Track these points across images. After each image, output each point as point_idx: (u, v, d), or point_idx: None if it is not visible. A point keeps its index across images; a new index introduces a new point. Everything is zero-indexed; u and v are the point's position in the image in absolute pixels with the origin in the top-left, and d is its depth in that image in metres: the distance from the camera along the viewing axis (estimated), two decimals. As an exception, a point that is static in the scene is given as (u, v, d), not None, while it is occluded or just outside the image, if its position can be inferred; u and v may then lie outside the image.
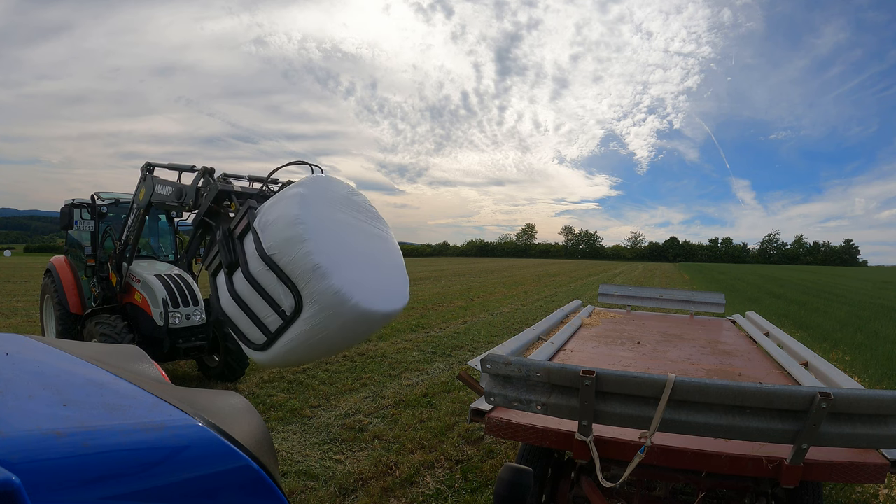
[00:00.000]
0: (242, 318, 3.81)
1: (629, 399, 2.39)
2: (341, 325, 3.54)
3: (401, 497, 4.03)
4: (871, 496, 4.22)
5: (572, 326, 5.55)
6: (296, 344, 3.65)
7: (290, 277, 3.54)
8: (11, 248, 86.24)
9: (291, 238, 3.56)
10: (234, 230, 3.95)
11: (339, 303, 3.46)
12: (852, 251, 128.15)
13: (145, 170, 6.05)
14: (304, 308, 3.53)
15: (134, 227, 6.23)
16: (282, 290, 3.58)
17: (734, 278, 38.08)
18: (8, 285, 20.62)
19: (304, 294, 3.50)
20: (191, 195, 5.00)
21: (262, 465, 0.98)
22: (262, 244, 3.67)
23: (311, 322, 3.54)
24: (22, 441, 0.78)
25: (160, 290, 6.12)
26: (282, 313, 3.62)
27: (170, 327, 6.03)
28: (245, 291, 3.77)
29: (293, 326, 3.60)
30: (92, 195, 7.06)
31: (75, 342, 1.48)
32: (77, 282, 7.25)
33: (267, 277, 3.65)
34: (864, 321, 14.54)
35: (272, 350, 3.73)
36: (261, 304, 3.70)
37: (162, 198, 5.64)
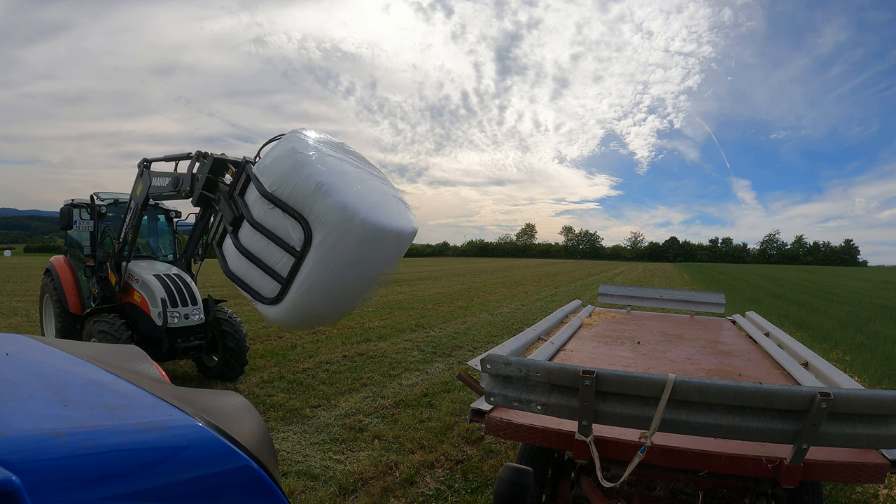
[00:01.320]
0: (253, 271, 3.71)
1: (629, 399, 2.39)
2: (353, 247, 3.43)
3: (401, 497, 4.03)
4: (871, 496, 4.22)
5: (572, 326, 5.55)
6: (310, 282, 3.49)
7: (295, 207, 3.47)
8: (11, 248, 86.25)
9: (291, 167, 3.53)
10: (235, 188, 3.96)
11: (348, 218, 3.38)
12: (852, 251, 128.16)
13: (142, 166, 6.05)
14: (313, 235, 3.43)
15: (132, 224, 6.25)
16: (289, 225, 3.51)
17: (734, 278, 38.08)
18: (8, 285, 20.62)
19: (312, 219, 3.42)
20: (187, 181, 5.01)
21: (262, 465, 0.98)
22: (263, 185, 3.63)
23: (322, 248, 3.42)
24: (22, 441, 0.78)
25: (159, 290, 6.11)
26: (292, 250, 3.51)
27: (168, 327, 6.03)
28: (252, 241, 3.70)
29: (305, 261, 3.47)
30: (91, 195, 7.07)
31: (75, 342, 1.48)
32: (76, 281, 7.24)
33: (272, 217, 3.58)
34: (864, 321, 14.54)
35: (287, 298, 3.57)
36: (269, 248, 3.61)
37: (159, 189, 5.68)
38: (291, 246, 3.53)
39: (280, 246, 3.56)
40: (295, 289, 3.58)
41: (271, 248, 3.59)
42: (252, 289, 3.74)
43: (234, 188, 4.03)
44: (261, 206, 3.64)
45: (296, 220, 3.49)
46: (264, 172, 3.71)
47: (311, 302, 3.67)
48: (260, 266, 3.68)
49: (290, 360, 8.13)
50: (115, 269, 6.49)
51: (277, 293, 3.62)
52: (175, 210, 7.94)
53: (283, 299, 3.62)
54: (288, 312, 3.68)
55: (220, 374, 6.92)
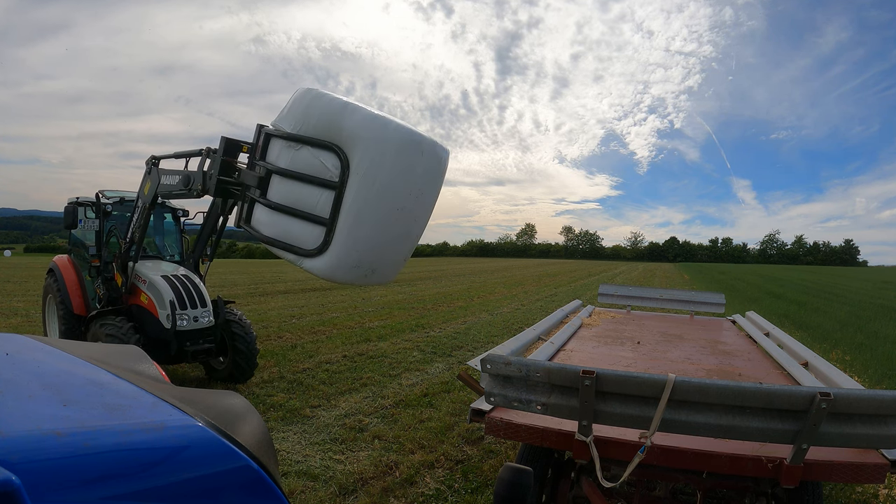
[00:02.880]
0: (291, 225, 3.51)
1: (629, 399, 2.39)
2: (394, 157, 3.27)
3: (401, 497, 4.03)
4: (871, 496, 4.22)
5: (572, 326, 5.55)
6: (357, 209, 3.27)
7: (324, 137, 3.32)
8: (11, 248, 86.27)
9: (312, 100, 3.41)
10: (255, 155, 3.84)
11: (382, 125, 3.25)
12: (852, 251, 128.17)
13: (150, 163, 5.90)
14: (349, 159, 3.25)
15: (139, 223, 6.11)
16: (322, 157, 3.33)
17: (734, 278, 38.07)
18: (8, 285, 20.62)
19: (344, 141, 3.26)
20: (198, 179, 4.90)
21: (262, 465, 0.98)
22: (286, 134, 3.48)
23: (363, 166, 3.24)
24: (22, 441, 0.78)
25: (167, 292, 5.97)
26: (330, 182, 3.31)
27: (177, 329, 5.89)
28: (285, 193, 3.53)
29: (348, 187, 3.26)
30: (97, 193, 6.91)
31: (75, 342, 1.48)
32: (81, 282, 7.10)
33: (302, 159, 3.42)
34: (864, 321, 14.53)
35: (335, 240, 3.34)
36: (305, 192, 3.42)
37: (169, 188, 5.54)
38: (329, 177, 3.31)
39: (316, 184, 3.34)
40: (342, 223, 3.32)
41: (307, 190, 3.38)
42: (293, 245, 3.46)
43: (253, 156, 3.89)
44: (287, 154, 3.47)
45: (327, 149, 3.30)
46: (283, 121, 3.56)
47: (362, 236, 3.38)
48: (298, 215, 3.44)
49: (290, 360, 8.13)
50: (121, 269, 6.35)
51: (323, 237, 3.35)
52: (182, 209, 7.78)
53: (331, 241, 3.34)
54: (339, 255, 3.37)
55: (229, 377, 6.76)
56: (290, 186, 3.48)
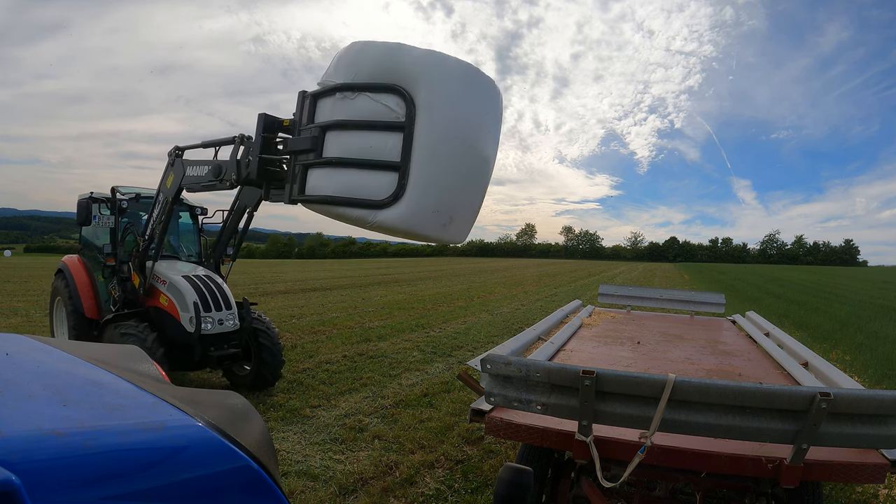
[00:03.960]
0: (357, 177, 3.24)
1: (629, 399, 2.39)
2: (458, 88, 3.13)
3: (401, 497, 4.03)
4: (871, 496, 4.22)
5: (572, 326, 5.55)
6: (431, 146, 3.07)
7: (383, 80, 3.14)
8: (11, 248, 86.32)
9: (360, 49, 3.25)
10: (301, 121, 3.61)
11: (442, 59, 3.12)
12: (852, 251, 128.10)
13: (174, 154, 5.52)
14: (414, 94, 3.07)
15: (160, 219, 5.70)
16: (384, 100, 3.15)
17: (734, 278, 38.07)
18: (8, 285, 20.61)
19: (404, 78, 3.08)
20: (231, 169, 4.57)
21: (262, 465, 0.98)
22: (338, 85, 3.25)
23: (430, 100, 3.07)
24: (22, 441, 0.78)
25: (190, 293, 5.61)
26: (396, 123, 3.12)
27: (201, 333, 5.52)
28: (346, 145, 3.28)
29: (417, 124, 3.08)
30: (112, 188, 6.54)
31: (75, 342, 1.48)
32: (93, 283, 6.72)
33: (361, 106, 3.21)
34: (864, 321, 14.53)
35: (410, 182, 3.09)
36: (369, 140, 3.20)
37: (196, 180, 5.20)
38: (395, 118, 3.09)
39: (381, 128, 3.12)
40: (416, 163, 3.10)
41: (371, 138, 3.16)
42: (363, 199, 3.18)
43: (299, 123, 3.64)
44: (342, 107, 3.24)
45: (389, 91, 3.10)
46: (331, 77, 3.34)
47: (438, 174, 3.16)
48: (366, 165, 3.19)
49: (290, 360, 8.12)
50: (138, 269, 5.94)
51: (396, 183, 3.12)
52: (201, 207, 7.37)
53: (406, 185, 3.10)
54: (416, 199, 3.09)
55: (253, 384, 6.39)
56: (350, 138, 3.25)
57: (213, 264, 6.58)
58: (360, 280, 26.68)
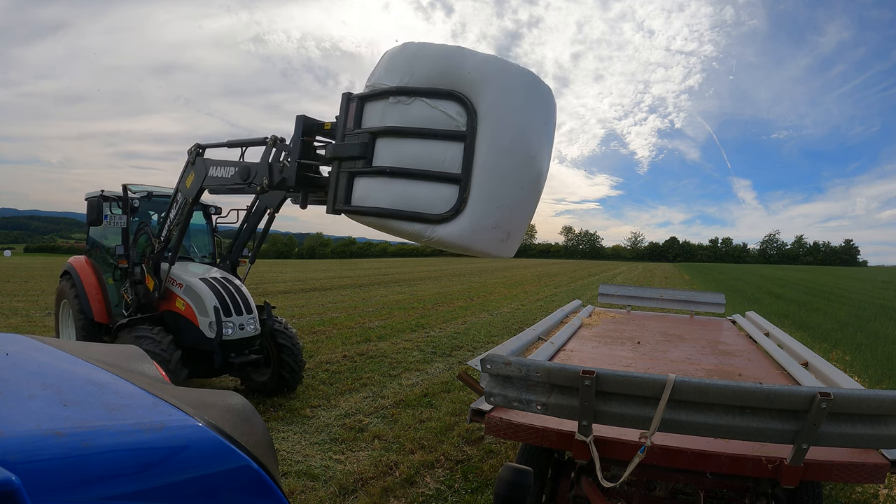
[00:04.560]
0: (414, 189, 3.03)
1: (629, 399, 2.39)
2: (522, 97, 2.95)
3: (401, 497, 4.03)
4: (871, 496, 4.22)
5: (572, 326, 5.55)
6: (495, 157, 2.89)
7: (441, 85, 2.94)
8: (11, 248, 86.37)
9: (414, 53, 3.04)
10: (345, 127, 3.35)
11: (504, 65, 2.96)
12: (852, 251, 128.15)
13: (194, 153, 5.24)
14: (475, 102, 2.88)
15: (179, 220, 5.43)
16: (443, 107, 2.95)
17: (734, 278, 38.07)
18: (8, 285, 20.61)
19: (464, 84, 2.90)
20: (263, 173, 4.30)
21: (262, 465, 0.98)
22: (392, 88, 3.03)
23: (494, 111, 2.88)
24: (22, 441, 0.78)
25: (209, 297, 5.36)
26: (457, 133, 2.92)
27: (223, 339, 5.28)
28: (400, 153, 3.05)
29: (479, 134, 2.88)
30: (123, 186, 6.23)
31: (75, 342, 1.48)
32: (102, 286, 6.42)
33: (417, 112, 2.99)
34: (864, 321, 14.53)
35: (473, 196, 2.90)
36: (427, 148, 2.98)
37: (220, 181, 4.93)
38: (455, 126, 2.90)
39: (441, 137, 2.93)
40: (478, 177, 2.90)
41: (429, 147, 2.98)
42: (421, 213, 2.98)
43: (343, 128, 3.37)
44: (395, 112, 3.04)
45: (449, 98, 2.91)
46: (382, 80, 3.10)
47: (500, 190, 2.98)
48: (424, 176, 2.98)
49: (290, 360, 8.13)
50: (152, 271, 5.66)
51: (457, 197, 2.93)
52: (214, 206, 7.06)
53: (468, 199, 2.92)
54: (478, 215, 2.92)
55: (273, 390, 6.16)
56: (406, 146, 3.04)
57: (229, 266, 6.31)
58: (360, 280, 26.67)
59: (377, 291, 20.34)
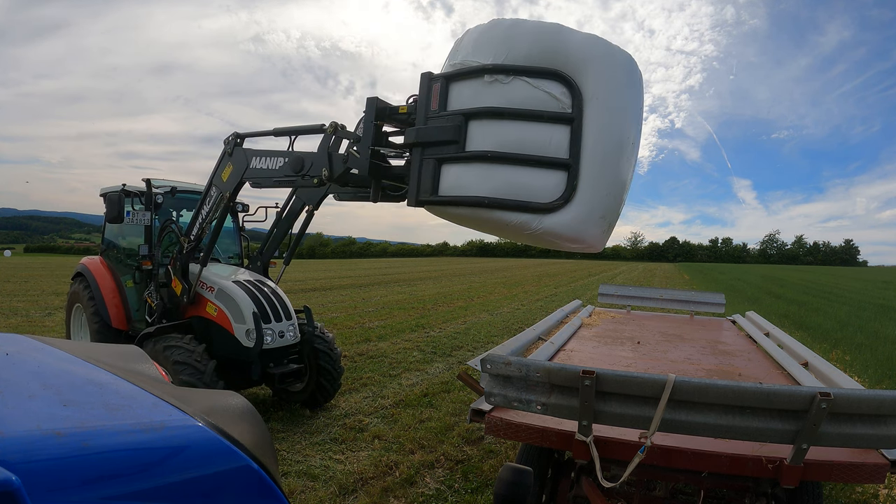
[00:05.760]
0: (518, 176, 2.78)
1: (629, 399, 2.39)
2: (625, 81, 2.79)
3: (401, 497, 4.03)
4: (871, 496, 4.22)
5: (572, 326, 5.55)
6: (604, 143, 2.70)
7: (540, 64, 2.73)
8: (11, 248, 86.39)
9: (510, 28, 2.82)
10: (428, 110, 3.06)
11: (606, 46, 2.76)
12: (852, 251, 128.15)
13: (232, 142, 4.76)
14: (581, 82, 2.69)
15: (213, 217, 4.95)
16: (546, 87, 2.74)
17: (734, 278, 38.06)
18: (8, 285, 20.61)
19: (568, 63, 2.70)
20: (321, 163, 3.88)
21: (262, 465, 0.98)
22: (488, 66, 2.78)
23: (600, 92, 2.70)
24: (22, 441, 0.78)
25: (246, 302, 4.93)
26: (564, 115, 2.72)
27: (263, 348, 4.90)
28: (494, 137, 2.82)
29: (586, 118, 2.70)
30: (146, 180, 5.79)
31: (75, 342, 1.48)
32: (120, 289, 5.99)
33: (516, 92, 2.76)
34: (864, 321, 14.53)
35: (583, 188, 2.71)
36: (529, 131, 2.75)
37: (264, 173, 4.48)
38: (560, 108, 2.70)
39: (548, 120, 2.72)
40: (587, 162, 2.71)
41: (531, 130, 2.75)
42: (526, 202, 2.75)
43: (424, 110, 3.07)
44: (490, 93, 2.81)
45: (552, 77, 2.71)
46: (471, 56, 2.88)
47: (609, 176, 2.78)
48: (528, 161, 2.75)
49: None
50: (180, 273, 5.22)
51: (566, 183, 2.72)
52: (242, 203, 6.63)
53: (578, 186, 2.71)
54: (589, 203, 2.73)
55: (309, 401, 5.77)
56: (506, 129, 2.82)
57: (260, 267, 5.86)
58: (360, 280, 26.68)
59: (377, 291, 20.34)
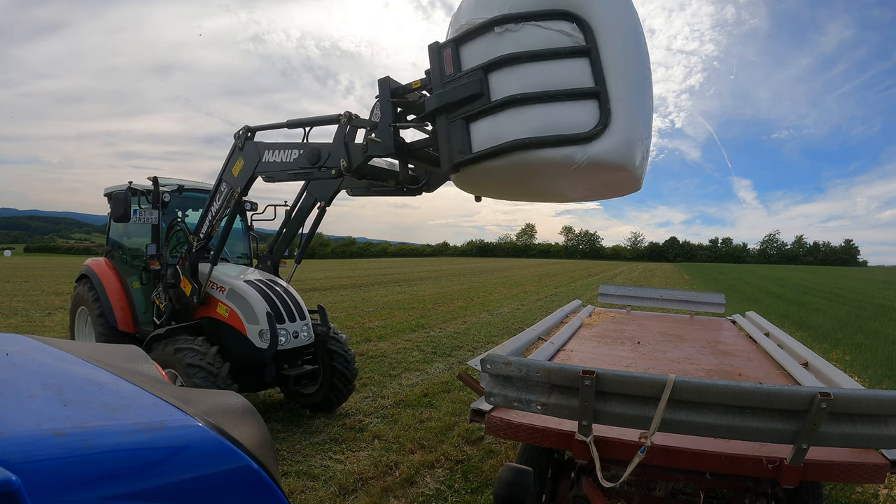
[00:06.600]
0: (551, 113, 2.81)
1: (629, 399, 2.39)
2: (628, 10, 2.86)
3: (401, 497, 4.03)
4: (871, 496, 4.22)
5: (572, 326, 5.55)
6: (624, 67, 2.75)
7: (546, 7, 2.78)
8: (11, 248, 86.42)
9: None
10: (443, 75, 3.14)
11: None
12: (852, 251, 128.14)
13: (243, 136, 4.64)
14: (588, 14, 2.75)
15: (223, 214, 4.82)
16: (556, 26, 2.78)
17: (734, 278, 38.07)
18: (8, 285, 20.62)
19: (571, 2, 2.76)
20: (339, 153, 3.82)
21: (262, 465, 0.98)
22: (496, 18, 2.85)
23: (609, 22, 2.76)
24: (22, 441, 0.78)
25: (260, 303, 4.83)
26: (580, 48, 2.77)
27: (277, 350, 4.80)
28: (518, 82, 2.84)
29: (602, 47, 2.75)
30: (153, 178, 5.63)
31: (75, 342, 1.48)
32: (126, 291, 5.88)
33: (529, 37, 2.80)
34: (864, 321, 14.53)
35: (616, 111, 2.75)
36: (551, 70, 2.79)
37: (278, 166, 4.38)
38: (577, 45, 2.76)
39: (565, 56, 2.78)
40: (614, 86, 2.76)
41: (552, 68, 2.80)
42: (562, 136, 2.79)
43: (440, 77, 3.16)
44: (506, 42, 2.87)
45: (560, 17, 2.79)
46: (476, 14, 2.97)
47: (634, 98, 2.83)
48: (559, 96, 2.79)
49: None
50: (189, 273, 5.09)
51: (599, 111, 2.77)
52: (250, 201, 6.47)
53: (611, 110, 2.76)
54: (625, 125, 2.77)
55: (322, 403, 5.63)
56: (528, 72, 2.86)
57: (270, 266, 5.74)
58: (360, 280, 26.68)
59: (377, 291, 20.34)
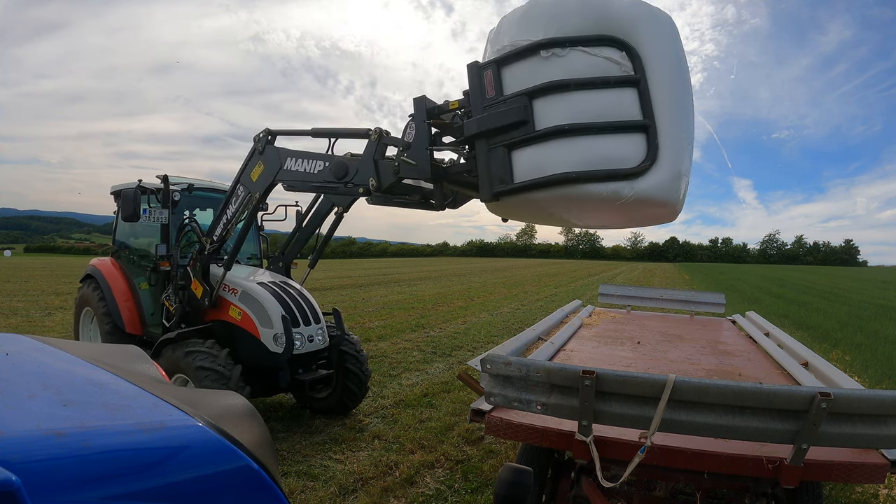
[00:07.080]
0: (599, 145, 2.72)
1: (629, 399, 2.39)
2: (675, 39, 2.81)
3: (401, 497, 4.03)
4: (871, 496, 4.22)
5: (572, 326, 5.55)
6: (672, 101, 2.71)
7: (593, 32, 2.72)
8: (11, 248, 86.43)
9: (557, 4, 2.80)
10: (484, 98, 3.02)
11: (650, 6, 2.81)
12: (852, 251, 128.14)
13: (263, 139, 4.48)
14: (636, 42, 2.70)
15: (239, 217, 4.76)
16: (604, 53, 2.72)
17: (734, 278, 38.06)
18: (8, 285, 20.62)
19: (620, 28, 2.71)
20: (369, 171, 3.66)
21: (262, 465, 0.98)
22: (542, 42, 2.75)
23: (658, 51, 2.70)
24: (22, 441, 0.78)
25: (274, 306, 4.71)
26: (628, 78, 2.70)
27: (293, 354, 4.69)
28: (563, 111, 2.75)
29: (650, 78, 2.69)
30: (163, 177, 5.52)
31: (75, 342, 1.48)
32: (133, 292, 5.77)
33: (577, 63, 2.72)
34: (864, 321, 14.53)
35: (664, 146, 2.67)
36: (598, 99, 2.71)
37: (300, 176, 4.22)
38: (623, 73, 2.68)
39: (612, 85, 2.69)
40: (662, 118, 2.68)
41: (599, 98, 2.71)
42: (614, 170, 2.68)
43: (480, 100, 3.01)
44: (552, 67, 2.76)
45: (608, 43, 2.71)
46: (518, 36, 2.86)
47: (681, 131, 2.75)
48: (605, 129, 2.69)
49: (290, 360, 8.12)
50: (200, 275, 4.98)
51: (647, 145, 2.68)
52: None
53: (661, 146, 2.67)
54: (672, 161, 2.69)
55: (335, 407, 5.54)
56: (574, 101, 2.77)
57: (282, 268, 5.61)
58: (360, 280, 26.68)
59: (377, 291, 20.34)
